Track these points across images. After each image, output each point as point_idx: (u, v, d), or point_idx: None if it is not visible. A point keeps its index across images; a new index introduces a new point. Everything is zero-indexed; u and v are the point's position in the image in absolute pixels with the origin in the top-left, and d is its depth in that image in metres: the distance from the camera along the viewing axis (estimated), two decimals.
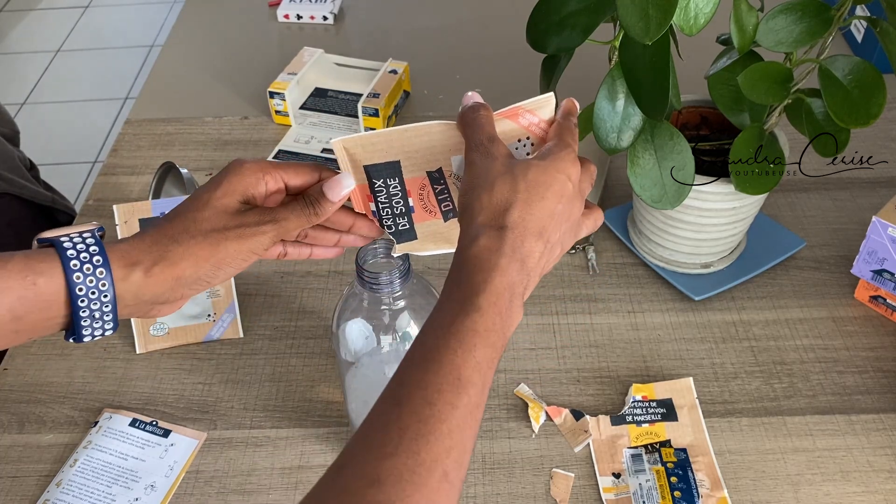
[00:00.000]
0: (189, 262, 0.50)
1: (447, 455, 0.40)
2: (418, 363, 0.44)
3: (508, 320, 0.46)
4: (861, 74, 0.66)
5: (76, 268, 0.47)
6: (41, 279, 0.47)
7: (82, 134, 2.55)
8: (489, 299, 0.45)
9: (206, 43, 1.29)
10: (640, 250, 0.88)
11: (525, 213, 0.47)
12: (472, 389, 0.42)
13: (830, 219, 0.93)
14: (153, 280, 0.50)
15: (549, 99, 0.54)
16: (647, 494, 0.68)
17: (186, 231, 0.50)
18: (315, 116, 1.10)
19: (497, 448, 0.73)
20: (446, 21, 1.31)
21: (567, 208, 0.50)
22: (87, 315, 0.48)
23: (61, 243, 0.48)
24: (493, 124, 0.52)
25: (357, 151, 0.54)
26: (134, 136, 1.09)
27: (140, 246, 0.50)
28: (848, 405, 0.75)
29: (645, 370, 0.78)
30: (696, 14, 0.63)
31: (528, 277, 0.47)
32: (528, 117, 0.54)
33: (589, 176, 0.53)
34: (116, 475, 0.71)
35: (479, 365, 0.43)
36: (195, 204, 0.52)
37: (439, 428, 0.41)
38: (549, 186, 0.48)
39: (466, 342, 0.43)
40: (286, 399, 0.77)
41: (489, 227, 0.47)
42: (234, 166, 0.53)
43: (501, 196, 0.48)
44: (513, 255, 0.46)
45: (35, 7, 3.27)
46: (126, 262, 0.49)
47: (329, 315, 0.85)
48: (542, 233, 0.48)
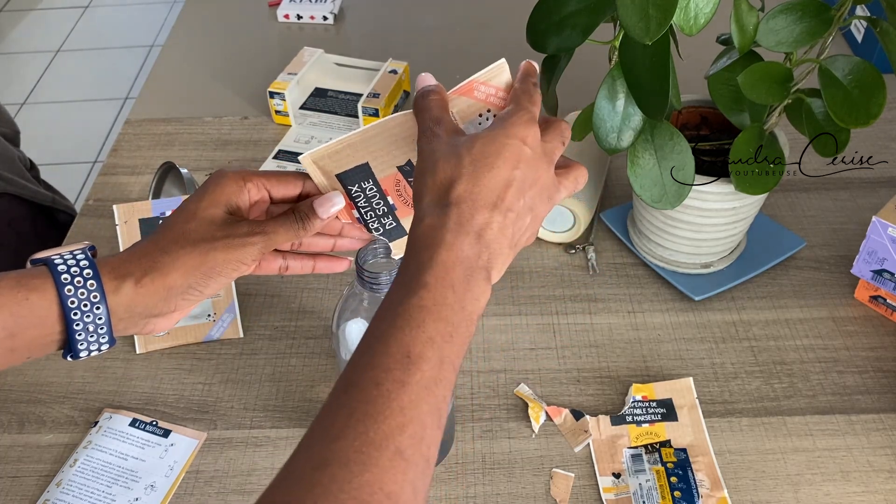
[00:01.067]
0: (179, 272, 0.51)
1: (400, 432, 0.40)
2: (367, 347, 0.43)
3: (467, 294, 0.45)
4: (861, 74, 0.66)
5: (67, 281, 0.48)
6: (33, 294, 0.48)
7: (82, 134, 2.55)
8: (436, 274, 0.44)
9: (206, 43, 1.29)
10: (640, 250, 0.88)
11: (472, 186, 0.47)
12: (425, 365, 0.42)
13: (830, 219, 0.93)
14: (144, 290, 0.50)
15: (502, 66, 0.53)
16: (647, 494, 0.68)
17: (175, 242, 0.51)
18: (315, 116, 1.10)
19: (497, 448, 0.73)
20: (446, 21, 1.31)
21: (528, 173, 0.48)
22: (81, 329, 0.49)
23: (53, 261, 0.49)
24: (442, 106, 0.51)
25: (326, 163, 0.54)
26: (134, 136, 1.09)
27: (130, 258, 0.51)
28: (848, 405, 0.75)
29: (645, 370, 0.78)
30: (696, 14, 0.63)
31: (487, 250, 0.46)
32: (483, 89, 0.53)
33: (558, 135, 0.52)
34: (116, 475, 0.71)
35: (432, 340, 0.43)
36: (182, 216, 0.52)
37: (389, 406, 0.40)
38: (498, 154, 0.47)
39: (414, 319, 0.43)
40: (286, 399, 0.77)
41: (433, 206, 0.47)
42: (214, 177, 0.54)
43: (445, 174, 0.47)
44: (460, 230, 0.46)
45: (35, 7, 3.27)
46: (116, 274, 0.50)
47: (329, 315, 0.85)
48: (499, 203, 0.47)
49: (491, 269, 0.47)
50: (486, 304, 0.46)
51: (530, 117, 0.50)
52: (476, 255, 0.46)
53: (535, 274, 0.88)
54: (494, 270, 0.47)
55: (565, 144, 0.52)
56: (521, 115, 0.49)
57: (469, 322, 0.45)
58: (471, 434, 0.74)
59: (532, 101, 0.51)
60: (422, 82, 0.53)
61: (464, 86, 0.52)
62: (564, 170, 0.53)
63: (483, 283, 0.46)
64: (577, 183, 0.53)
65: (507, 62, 0.53)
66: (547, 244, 0.92)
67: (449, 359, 0.43)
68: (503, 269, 0.48)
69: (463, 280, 0.45)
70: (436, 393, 0.42)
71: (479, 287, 0.45)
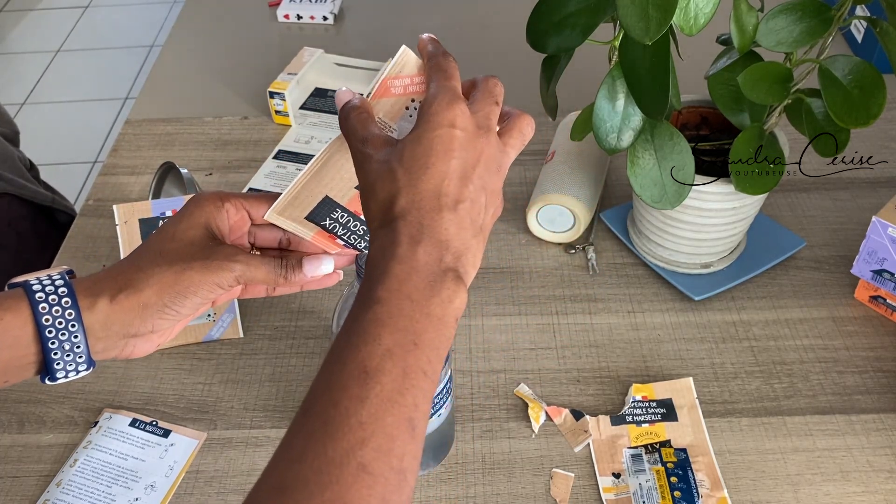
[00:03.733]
0: (153, 289, 0.50)
1: (361, 446, 0.39)
2: (325, 369, 0.43)
3: (432, 299, 0.43)
4: (861, 74, 0.66)
5: (41, 299, 0.48)
6: (7, 314, 0.47)
7: (82, 134, 2.55)
8: (388, 287, 0.43)
9: (206, 43, 1.29)
10: (640, 250, 0.88)
11: (412, 194, 0.45)
12: (384, 378, 0.41)
13: (830, 219, 0.93)
14: (119, 307, 0.50)
15: (405, 54, 0.51)
16: (647, 494, 0.68)
17: (152, 261, 0.51)
18: (315, 116, 1.10)
19: (497, 448, 0.73)
20: (446, 21, 1.31)
21: (466, 155, 0.46)
22: (56, 348, 0.48)
23: (30, 284, 0.49)
24: (365, 121, 0.49)
25: (291, 212, 0.54)
26: (134, 136, 1.09)
27: (105, 277, 0.51)
28: (848, 405, 0.75)
29: (645, 370, 0.78)
30: (696, 14, 0.63)
31: (448, 251, 0.44)
32: (398, 83, 0.51)
33: (488, 97, 0.48)
34: (116, 475, 0.71)
35: (391, 352, 0.41)
36: (161, 237, 0.52)
37: (347, 423, 0.39)
38: (429, 152, 0.45)
39: (369, 334, 0.42)
40: (286, 399, 0.77)
41: (381, 227, 0.46)
42: (193, 199, 0.54)
43: (384, 193, 0.46)
44: (411, 241, 0.44)
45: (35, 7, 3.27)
46: (91, 292, 0.50)
47: (329, 315, 0.85)
48: (444, 200, 0.45)
49: (460, 267, 0.45)
50: (463, 304, 0.45)
51: (451, 96, 0.47)
52: (437, 259, 0.44)
53: (535, 274, 0.88)
54: (467, 266, 0.45)
55: (499, 103, 0.49)
56: (440, 98, 0.46)
57: (440, 326, 0.43)
58: (471, 434, 0.74)
59: (447, 75, 0.48)
60: (341, 100, 0.50)
61: (378, 88, 0.51)
62: (505, 127, 0.50)
63: (452, 284, 0.44)
64: (524, 134, 0.50)
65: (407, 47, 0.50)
66: (547, 244, 0.92)
67: (416, 366, 0.42)
68: (478, 258, 0.47)
69: (424, 287, 0.43)
70: (402, 403, 0.41)
71: (449, 289, 0.44)
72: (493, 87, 0.49)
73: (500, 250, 0.91)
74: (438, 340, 0.43)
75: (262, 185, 1.00)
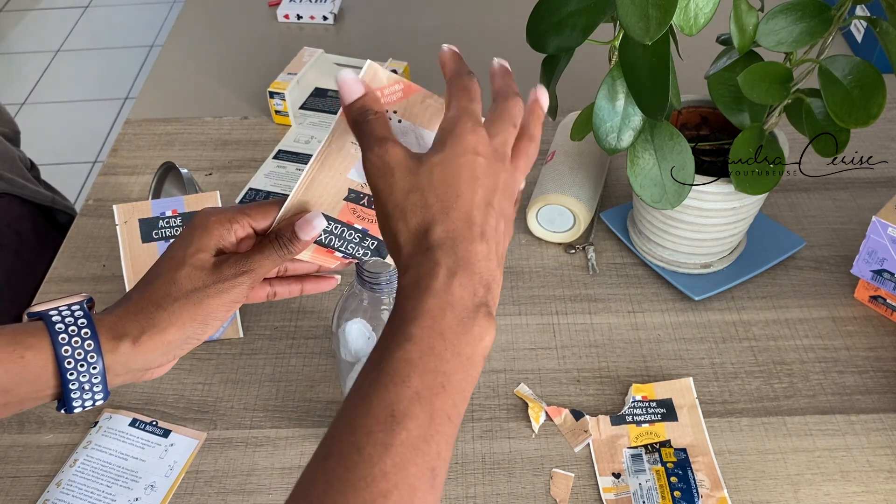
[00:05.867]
0: (175, 326, 0.50)
1: (383, 499, 0.37)
2: (349, 408, 0.41)
3: (463, 337, 0.42)
4: (861, 74, 0.66)
5: (64, 341, 0.47)
6: (29, 353, 0.47)
7: (82, 134, 2.55)
8: (422, 324, 0.41)
9: (206, 43, 1.29)
10: (640, 250, 0.88)
11: (447, 223, 0.43)
12: (411, 423, 0.39)
13: (830, 219, 0.93)
14: (142, 349, 0.50)
15: (372, 68, 0.49)
16: (647, 494, 0.68)
17: (168, 295, 0.50)
18: (315, 116, 1.10)
19: (497, 448, 0.73)
20: (446, 21, 1.31)
21: (489, 182, 0.45)
22: (76, 388, 0.48)
23: (50, 317, 0.48)
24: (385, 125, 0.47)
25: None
26: (134, 136, 1.09)
27: (125, 316, 0.50)
28: (848, 405, 0.75)
29: (645, 370, 0.78)
30: (696, 14, 0.63)
31: (481, 284, 0.43)
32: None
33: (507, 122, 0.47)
34: (116, 475, 0.71)
35: (419, 395, 0.40)
36: (171, 264, 0.51)
37: (370, 473, 0.38)
38: (458, 178, 0.44)
39: (398, 375, 0.40)
40: (286, 399, 0.77)
41: (414, 255, 0.44)
42: (200, 221, 0.52)
43: (416, 220, 0.44)
44: (449, 273, 0.42)
45: (35, 7, 3.27)
46: (113, 333, 0.49)
47: (329, 315, 0.85)
48: (474, 230, 0.44)
49: (490, 300, 0.43)
50: (492, 341, 0.43)
51: (475, 121, 0.46)
52: (471, 293, 0.43)
53: (535, 274, 0.88)
54: (495, 299, 0.44)
55: (517, 126, 0.48)
56: (464, 121, 0.45)
57: (468, 366, 0.42)
58: (471, 434, 0.74)
59: (470, 97, 0.47)
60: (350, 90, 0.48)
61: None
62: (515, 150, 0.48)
63: (484, 321, 0.42)
64: (529, 158, 0.49)
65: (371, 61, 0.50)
66: (547, 244, 0.92)
67: (442, 411, 0.40)
68: (499, 290, 0.45)
69: (457, 325, 0.42)
70: (426, 451, 0.39)
71: (481, 326, 0.42)
72: (512, 109, 0.47)
73: None
74: (465, 382, 0.42)
75: (262, 185, 1.00)
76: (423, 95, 0.50)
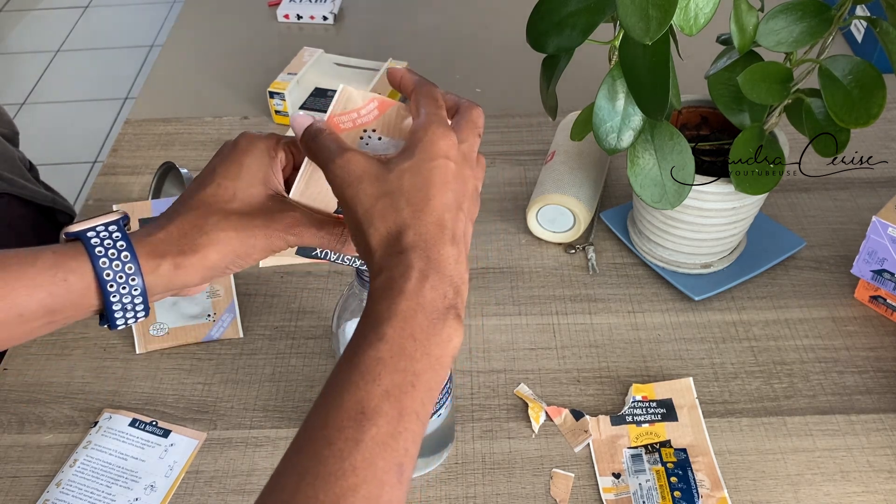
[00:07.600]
0: (219, 255, 0.50)
1: (353, 493, 0.38)
2: (322, 404, 0.42)
3: (432, 339, 0.43)
4: (861, 74, 0.66)
5: (105, 265, 0.48)
6: (72, 276, 0.48)
7: (82, 134, 2.55)
8: (394, 325, 0.42)
9: (206, 43, 1.29)
10: (640, 250, 0.88)
11: (418, 226, 0.44)
12: (381, 420, 0.40)
13: (830, 219, 0.93)
14: (182, 272, 0.50)
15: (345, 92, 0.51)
16: (647, 494, 0.68)
17: (216, 225, 0.50)
18: (315, 116, 1.09)
19: (497, 448, 0.73)
20: (446, 21, 1.31)
21: (458, 187, 0.46)
22: (119, 308, 0.49)
23: (88, 239, 0.49)
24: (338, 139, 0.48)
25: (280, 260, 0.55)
26: (134, 136, 1.09)
27: (168, 239, 0.50)
28: (848, 405, 0.75)
29: (645, 370, 0.78)
30: (696, 14, 0.63)
31: (450, 285, 0.44)
32: (346, 119, 0.51)
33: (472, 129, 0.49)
34: (116, 475, 0.71)
35: (389, 393, 0.41)
36: (223, 194, 0.51)
37: (340, 467, 0.39)
38: (429, 183, 0.45)
39: (370, 373, 0.41)
40: (286, 399, 0.77)
41: (387, 258, 0.45)
42: (245, 147, 0.52)
43: (387, 225, 0.45)
44: (421, 276, 0.43)
45: (35, 7, 3.27)
46: (154, 255, 0.49)
47: (329, 315, 0.85)
48: (445, 233, 0.45)
49: (459, 303, 0.45)
50: (460, 343, 0.44)
51: (445, 128, 0.47)
52: (441, 296, 0.44)
53: (535, 274, 0.88)
54: (464, 301, 0.45)
55: (481, 135, 0.50)
56: (434, 127, 0.47)
57: (437, 366, 0.43)
58: (471, 434, 0.74)
59: (438, 103, 0.49)
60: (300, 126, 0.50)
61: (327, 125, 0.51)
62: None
63: (454, 323, 0.44)
64: (482, 165, 0.50)
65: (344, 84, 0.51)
66: (547, 244, 0.92)
67: (411, 409, 0.41)
68: (467, 293, 0.46)
69: (427, 326, 0.43)
70: (394, 447, 0.40)
71: (450, 328, 0.44)
72: (476, 119, 0.50)
73: (500, 250, 0.91)
74: (434, 382, 0.43)
75: None
76: (398, 108, 0.51)
